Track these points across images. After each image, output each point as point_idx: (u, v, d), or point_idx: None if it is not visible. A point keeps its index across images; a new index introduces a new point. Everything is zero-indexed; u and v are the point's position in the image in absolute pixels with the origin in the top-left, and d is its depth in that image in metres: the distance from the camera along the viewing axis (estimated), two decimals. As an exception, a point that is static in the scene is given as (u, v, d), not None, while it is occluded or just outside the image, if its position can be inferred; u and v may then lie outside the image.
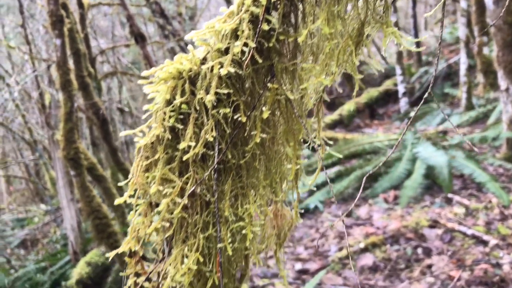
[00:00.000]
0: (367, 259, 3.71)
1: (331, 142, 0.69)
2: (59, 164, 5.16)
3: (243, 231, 0.61)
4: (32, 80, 7.30)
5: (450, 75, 9.24)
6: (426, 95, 0.70)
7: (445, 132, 6.30)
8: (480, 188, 4.28)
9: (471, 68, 7.98)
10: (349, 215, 4.64)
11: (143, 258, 0.67)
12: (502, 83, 4.79)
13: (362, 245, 3.83)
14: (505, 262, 3.12)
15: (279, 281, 3.69)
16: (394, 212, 4.29)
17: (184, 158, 0.60)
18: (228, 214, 0.58)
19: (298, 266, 3.88)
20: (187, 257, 0.60)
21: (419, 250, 3.62)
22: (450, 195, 4.23)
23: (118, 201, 0.70)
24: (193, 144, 0.60)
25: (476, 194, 4.23)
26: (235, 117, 0.60)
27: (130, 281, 0.65)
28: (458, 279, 3.13)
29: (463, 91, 7.43)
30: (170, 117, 0.62)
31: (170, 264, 0.60)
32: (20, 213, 9.82)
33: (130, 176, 0.66)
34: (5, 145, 11.13)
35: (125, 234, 4.53)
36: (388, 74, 10.81)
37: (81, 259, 4.73)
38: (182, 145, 0.61)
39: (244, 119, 0.58)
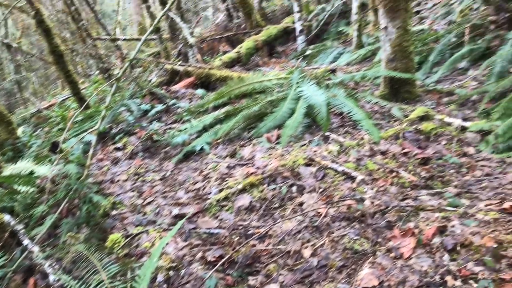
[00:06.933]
0: (244, 200, 3.70)
1: None
2: None
3: None
4: None
5: (346, 13, 9.34)
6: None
7: (334, 71, 6.40)
8: (356, 125, 4.40)
9: (363, 6, 8.09)
10: (233, 155, 4.58)
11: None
12: (382, 21, 4.86)
13: (240, 186, 3.81)
14: (367, 197, 3.26)
15: (153, 227, 3.56)
16: (275, 152, 4.30)
17: None
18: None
19: (176, 211, 3.77)
20: None
21: (294, 189, 3.67)
22: (327, 133, 4.31)
23: None
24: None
25: (352, 132, 4.35)
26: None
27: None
28: (325, 216, 3.23)
29: (354, 29, 7.55)
30: None
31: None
32: None
33: None
34: None
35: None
36: (290, 11, 10.68)
37: None
38: None
39: None
